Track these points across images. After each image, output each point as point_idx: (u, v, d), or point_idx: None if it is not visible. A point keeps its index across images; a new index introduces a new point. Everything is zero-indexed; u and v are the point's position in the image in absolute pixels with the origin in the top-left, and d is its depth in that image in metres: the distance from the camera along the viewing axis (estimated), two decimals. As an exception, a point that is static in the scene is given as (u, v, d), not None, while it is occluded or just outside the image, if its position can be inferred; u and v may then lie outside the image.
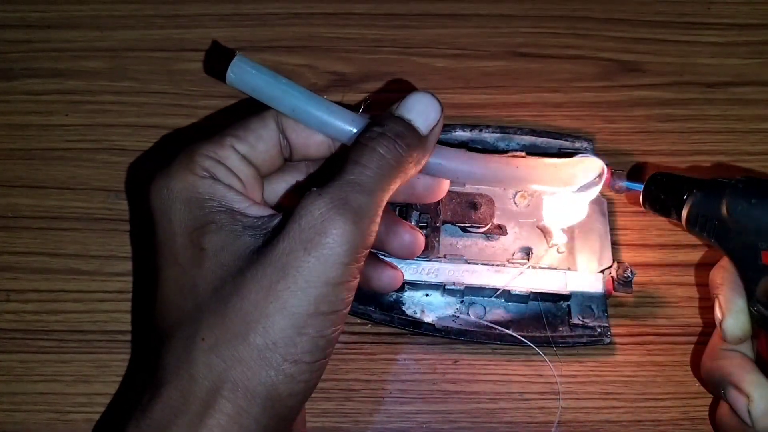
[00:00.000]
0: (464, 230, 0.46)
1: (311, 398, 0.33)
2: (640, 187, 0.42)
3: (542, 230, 0.46)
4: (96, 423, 0.41)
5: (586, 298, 0.44)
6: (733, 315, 0.38)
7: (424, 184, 0.39)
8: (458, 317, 0.43)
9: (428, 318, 0.43)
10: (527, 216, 0.46)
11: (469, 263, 0.44)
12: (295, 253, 0.30)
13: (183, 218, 0.33)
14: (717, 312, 0.39)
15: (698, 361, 0.41)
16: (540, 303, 0.44)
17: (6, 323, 0.44)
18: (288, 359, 0.30)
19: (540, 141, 0.49)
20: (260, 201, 0.37)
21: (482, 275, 0.44)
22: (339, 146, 0.37)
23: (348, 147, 0.35)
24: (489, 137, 0.49)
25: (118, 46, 0.54)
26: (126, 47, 0.54)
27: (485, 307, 0.44)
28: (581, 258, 0.45)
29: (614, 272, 0.43)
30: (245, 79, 0.35)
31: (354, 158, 0.32)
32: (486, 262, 0.44)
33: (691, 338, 0.44)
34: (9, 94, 0.52)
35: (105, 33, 0.54)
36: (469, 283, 0.43)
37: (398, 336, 0.43)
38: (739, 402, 0.36)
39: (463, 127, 0.49)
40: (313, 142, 0.36)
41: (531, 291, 0.43)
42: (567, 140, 0.49)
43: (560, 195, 0.43)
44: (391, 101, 0.35)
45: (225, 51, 0.53)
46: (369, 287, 0.40)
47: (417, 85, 0.53)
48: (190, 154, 0.34)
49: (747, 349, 0.38)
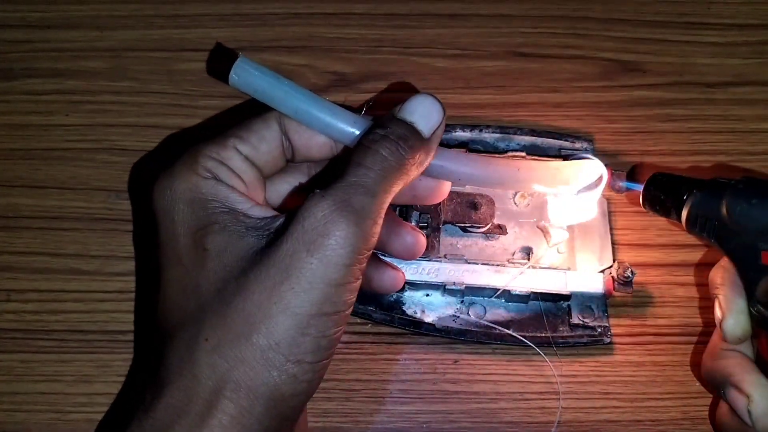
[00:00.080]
0: (464, 230, 0.46)
1: (312, 398, 0.33)
2: (640, 188, 0.42)
3: (542, 230, 0.46)
4: (98, 423, 0.41)
5: (587, 298, 0.44)
6: (733, 315, 0.38)
7: (426, 186, 0.39)
8: (458, 317, 0.43)
9: (428, 318, 0.43)
10: (527, 216, 0.46)
11: (470, 263, 0.44)
12: (298, 255, 0.30)
13: (186, 219, 0.33)
14: (717, 312, 0.39)
15: (698, 361, 0.41)
16: (540, 303, 0.44)
17: (6, 323, 0.44)
18: (291, 359, 0.30)
19: (540, 141, 0.49)
20: (263, 202, 0.37)
21: (482, 275, 0.44)
22: (341, 148, 0.37)
23: (351, 149, 0.35)
24: (489, 137, 0.49)
25: (118, 46, 0.54)
26: (126, 47, 0.54)
27: (485, 307, 0.44)
28: (581, 258, 0.45)
29: (614, 272, 0.43)
30: (248, 81, 0.35)
31: (357, 160, 0.33)
32: (486, 262, 0.44)
33: (691, 338, 0.44)
34: (9, 94, 0.52)
35: (105, 33, 0.54)
36: (470, 283, 0.43)
37: (399, 336, 0.43)
38: (739, 402, 0.37)
39: (464, 128, 0.49)
40: (316, 144, 0.36)
41: (531, 291, 0.43)
42: (567, 140, 0.49)
43: (563, 196, 0.43)
44: (392, 101, 0.35)
45: (227, 52, 0.53)
46: (370, 288, 0.40)
47: (417, 85, 0.53)
48: (193, 155, 0.34)
49: (747, 349, 0.39)
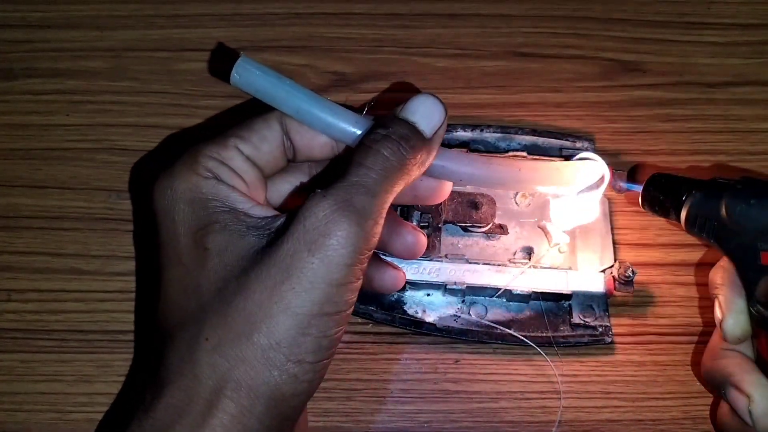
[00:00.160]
0: (465, 230, 0.46)
1: (313, 398, 0.33)
2: (640, 188, 0.42)
3: (543, 230, 0.46)
4: (99, 423, 0.41)
5: (588, 298, 0.44)
6: (733, 315, 0.38)
7: (427, 186, 0.38)
8: (459, 317, 0.43)
9: (429, 317, 0.43)
10: (528, 215, 0.46)
11: (471, 263, 0.44)
12: (299, 254, 0.30)
13: (186, 218, 0.33)
14: (717, 312, 0.39)
15: (698, 361, 0.41)
16: (541, 302, 0.44)
17: (7, 323, 0.44)
18: (291, 359, 0.30)
19: (541, 141, 0.49)
20: (263, 202, 0.37)
21: (483, 275, 0.44)
22: (342, 148, 0.37)
23: (352, 149, 0.35)
24: (490, 137, 0.49)
25: (119, 46, 0.54)
26: (126, 47, 0.54)
27: (486, 307, 0.44)
28: (582, 257, 0.45)
29: (615, 272, 0.43)
30: (250, 81, 0.35)
31: (358, 160, 0.33)
32: (487, 262, 0.44)
33: (693, 338, 0.44)
34: (9, 94, 0.52)
35: (105, 33, 0.54)
36: (471, 283, 0.43)
37: (399, 335, 0.43)
38: (740, 402, 0.36)
39: (464, 127, 0.49)
40: (317, 144, 0.36)
41: (532, 290, 0.43)
42: (568, 140, 0.49)
43: (566, 197, 0.43)
44: (393, 101, 0.35)
45: (229, 52, 0.53)
46: (371, 288, 0.40)
47: (417, 85, 0.53)
48: (194, 155, 0.34)
49: (747, 349, 0.39)
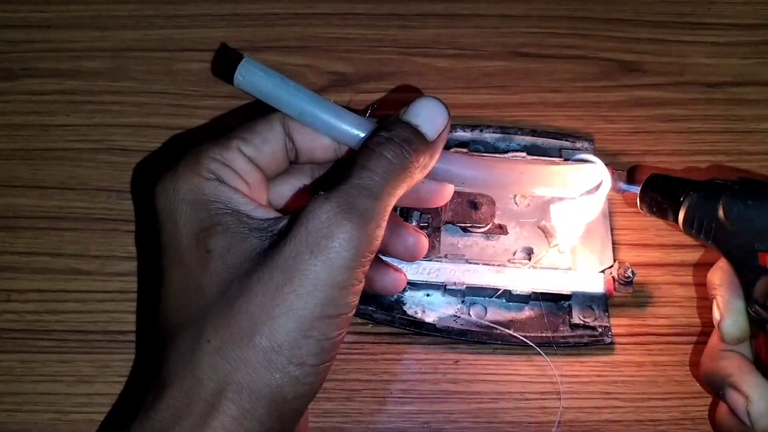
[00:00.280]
0: (465, 230, 0.46)
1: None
2: (638, 189, 0.42)
3: (543, 230, 0.46)
4: (99, 423, 0.41)
5: (587, 298, 0.44)
6: (732, 316, 0.38)
7: (429, 189, 0.39)
8: (459, 317, 0.44)
9: (429, 318, 0.44)
10: (528, 216, 0.47)
11: (470, 263, 0.44)
12: (302, 257, 0.30)
13: (189, 220, 0.33)
14: (715, 313, 0.39)
15: (697, 362, 0.41)
16: (541, 303, 0.44)
17: (7, 323, 0.44)
18: (293, 362, 0.30)
19: (540, 141, 0.49)
20: (266, 203, 0.37)
21: (483, 275, 0.44)
22: (345, 150, 0.37)
23: (355, 151, 0.35)
24: (489, 137, 0.49)
25: (119, 46, 0.54)
26: (126, 47, 0.54)
27: (486, 307, 0.44)
28: (582, 258, 0.45)
29: (615, 272, 0.43)
30: (253, 82, 0.35)
31: (361, 162, 0.33)
32: (487, 262, 0.44)
33: (692, 338, 0.44)
34: (9, 94, 0.51)
35: (105, 33, 0.54)
36: (470, 283, 0.43)
37: (399, 336, 0.44)
38: (738, 403, 0.37)
39: (464, 128, 0.49)
40: (319, 145, 0.36)
41: (532, 291, 0.43)
42: (567, 140, 0.49)
43: (567, 200, 0.43)
44: (395, 103, 0.35)
45: (232, 53, 0.53)
46: (372, 289, 0.40)
47: (417, 86, 0.53)
48: (196, 156, 0.34)
49: (745, 350, 0.39)
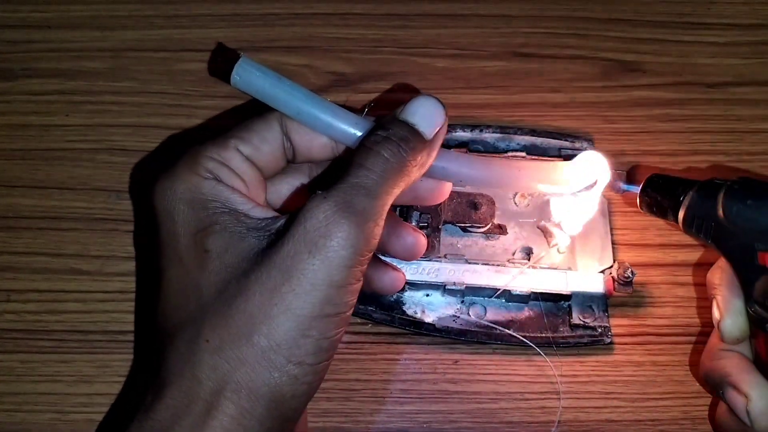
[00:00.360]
0: (465, 230, 0.46)
1: (312, 398, 0.33)
2: (638, 189, 0.42)
3: (542, 230, 0.46)
4: (99, 423, 0.41)
5: (587, 298, 0.44)
6: (731, 315, 0.38)
7: (427, 187, 0.38)
8: (459, 317, 0.44)
9: (429, 318, 0.43)
10: (527, 216, 0.47)
11: (470, 263, 0.44)
12: (300, 256, 0.30)
13: (187, 219, 0.33)
14: (715, 312, 0.39)
15: (697, 361, 0.41)
16: (540, 303, 0.44)
17: (7, 323, 0.44)
18: (292, 361, 0.30)
19: (540, 141, 0.49)
20: (263, 203, 0.37)
21: (483, 275, 0.44)
22: (342, 149, 0.37)
23: (352, 150, 0.35)
24: (489, 137, 0.49)
25: (119, 46, 0.54)
26: (126, 47, 0.54)
27: (486, 307, 0.44)
28: (582, 258, 0.45)
29: (615, 272, 0.43)
30: (250, 81, 0.35)
31: (359, 161, 0.33)
32: (486, 262, 0.44)
33: (691, 338, 0.44)
34: (9, 94, 0.52)
35: (105, 33, 0.54)
36: (470, 283, 0.43)
37: (399, 336, 0.43)
38: (738, 402, 0.37)
39: (464, 128, 0.49)
40: (317, 145, 0.36)
41: (531, 291, 0.43)
42: (567, 140, 0.49)
43: (564, 198, 0.43)
44: (393, 102, 0.35)
45: (229, 52, 0.53)
46: (371, 289, 0.40)
47: (417, 86, 0.53)
48: (194, 156, 0.34)
49: (745, 350, 0.39)
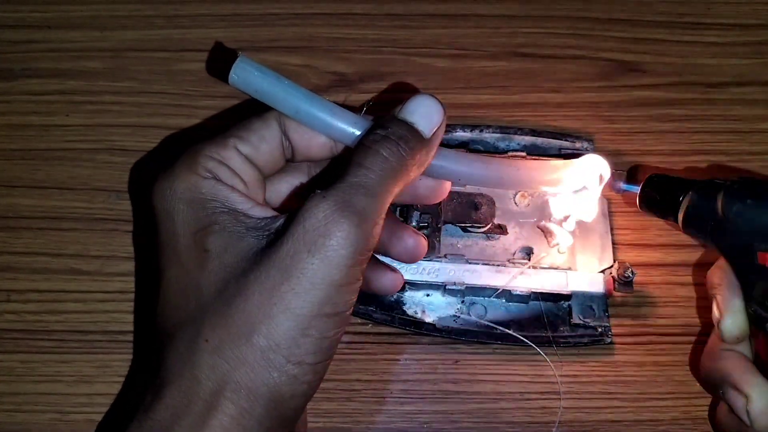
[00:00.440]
0: (465, 230, 0.46)
1: (312, 398, 0.33)
2: (637, 189, 0.42)
3: (543, 230, 0.46)
4: (98, 423, 0.41)
5: (587, 298, 0.44)
6: (731, 315, 0.38)
7: (426, 186, 0.38)
8: (459, 317, 0.43)
9: (429, 318, 0.43)
10: (528, 216, 0.46)
11: (470, 263, 0.44)
12: (299, 255, 0.30)
13: (186, 219, 0.33)
14: (715, 312, 0.39)
15: (697, 361, 0.41)
16: (541, 303, 0.44)
17: (7, 323, 0.44)
18: (291, 360, 0.30)
19: (540, 141, 0.49)
20: (262, 202, 0.37)
21: (483, 275, 0.44)
22: (341, 148, 0.37)
23: (351, 149, 0.35)
24: (489, 137, 0.49)
25: (119, 47, 0.54)
26: (126, 47, 0.54)
27: (486, 307, 0.44)
28: (582, 258, 0.45)
29: (615, 272, 0.43)
30: (248, 81, 0.35)
31: (357, 161, 0.33)
32: (487, 262, 0.44)
33: (691, 338, 0.44)
34: (9, 94, 0.52)
35: (105, 33, 0.54)
36: (470, 283, 0.43)
37: (399, 336, 0.43)
38: (738, 402, 0.36)
39: (464, 128, 0.49)
40: (316, 144, 0.36)
41: (532, 291, 0.43)
42: (567, 140, 0.49)
43: (564, 196, 0.43)
44: (392, 101, 0.35)
45: (227, 52, 0.53)
46: (369, 289, 0.40)
47: (417, 86, 0.53)
48: (193, 155, 0.34)
49: (745, 349, 0.39)
